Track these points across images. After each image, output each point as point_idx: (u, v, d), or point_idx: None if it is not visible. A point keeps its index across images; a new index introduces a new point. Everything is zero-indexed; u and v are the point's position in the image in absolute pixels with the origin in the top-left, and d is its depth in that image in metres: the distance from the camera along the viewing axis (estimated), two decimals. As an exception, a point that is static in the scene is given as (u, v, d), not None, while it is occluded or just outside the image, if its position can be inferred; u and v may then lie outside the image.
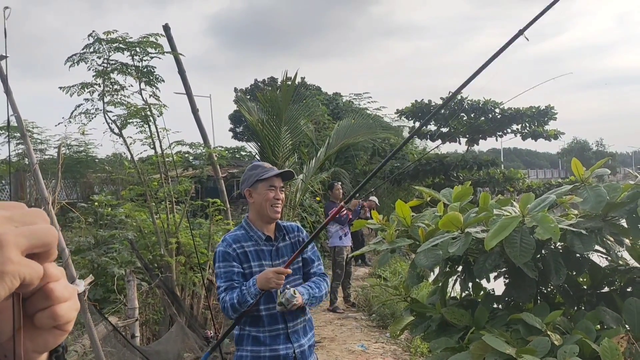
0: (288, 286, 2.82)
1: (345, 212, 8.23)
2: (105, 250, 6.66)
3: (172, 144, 5.72)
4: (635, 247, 3.00)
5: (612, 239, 2.84)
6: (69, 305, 0.60)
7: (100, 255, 6.44)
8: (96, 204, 6.84)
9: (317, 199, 12.57)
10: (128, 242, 5.50)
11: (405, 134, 23.01)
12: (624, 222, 2.79)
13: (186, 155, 8.17)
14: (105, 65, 4.69)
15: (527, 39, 2.50)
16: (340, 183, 9.07)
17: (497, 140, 21.03)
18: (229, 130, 29.24)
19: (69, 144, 14.88)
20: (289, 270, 2.79)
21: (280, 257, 2.96)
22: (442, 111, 19.42)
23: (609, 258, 3.09)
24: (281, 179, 3.01)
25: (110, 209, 6.66)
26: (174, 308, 4.94)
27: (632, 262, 3.05)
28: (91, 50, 4.58)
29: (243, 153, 19.69)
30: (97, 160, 15.01)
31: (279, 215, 2.99)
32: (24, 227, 0.54)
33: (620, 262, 3.08)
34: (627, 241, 2.94)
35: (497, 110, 19.23)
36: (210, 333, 5.10)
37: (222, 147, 14.68)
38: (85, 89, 4.70)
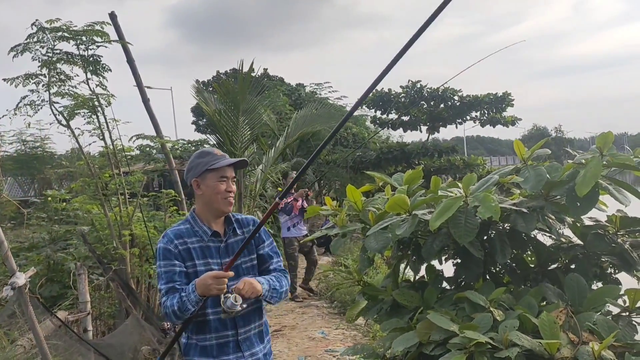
0: (231, 290, 2.44)
1: (290, 202, 8.08)
2: (63, 246, 6.53)
3: (132, 137, 5.64)
4: (577, 225, 3.09)
5: (553, 217, 2.91)
6: None
7: (56, 251, 6.32)
8: (50, 199, 6.69)
9: (279, 189, 12.57)
10: (80, 236, 5.40)
11: (368, 123, 23.18)
12: (565, 201, 2.87)
13: (148, 149, 8.05)
14: (50, 55, 4.57)
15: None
16: (295, 172, 8.84)
17: (457, 127, 21.37)
18: (192, 124, 28.93)
19: (24, 140, 14.51)
20: (230, 274, 2.43)
21: (231, 254, 2.58)
22: (403, 99, 19.64)
23: (553, 237, 3.17)
24: (233, 169, 2.68)
25: (64, 203, 6.53)
26: (129, 301, 4.87)
27: (575, 239, 3.14)
28: (35, 39, 4.46)
29: (206, 145, 19.48)
30: (55, 156, 14.68)
31: (231, 208, 2.67)
32: None
33: (563, 240, 3.17)
34: (568, 219, 3.03)
35: (455, 97, 19.50)
36: (168, 325, 5.05)
37: (184, 140, 14.50)
38: (30, 79, 4.56)
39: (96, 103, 4.73)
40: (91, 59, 4.63)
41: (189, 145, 15.82)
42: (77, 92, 4.69)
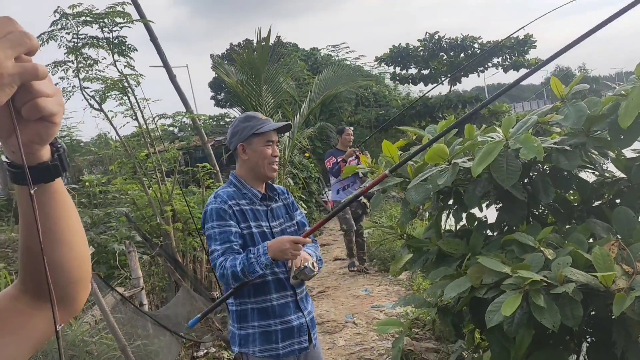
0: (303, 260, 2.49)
1: (339, 162, 7.22)
2: (104, 229, 6.72)
3: (155, 117, 5.70)
4: (620, 158, 3.06)
5: (596, 153, 2.88)
6: (52, 100, 0.69)
7: (99, 234, 6.50)
8: (87, 184, 6.85)
9: (307, 155, 12.60)
10: (124, 216, 5.53)
11: (387, 80, 22.93)
12: (607, 136, 2.84)
13: (171, 128, 8.13)
14: (76, 40, 4.61)
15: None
16: (352, 128, 7.91)
17: (479, 76, 20.99)
18: (211, 99, 28.92)
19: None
20: (309, 240, 2.46)
21: (276, 219, 2.65)
22: (422, 53, 19.36)
23: (596, 172, 3.15)
24: (276, 133, 2.68)
25: (101, 187, 6.68)
26: (178, 274, 5.02)
27: (619, 174, 3.12)
28: (59, 26, 4.50)
29: (227, 119, 19.56)
30: (82, 144, 14.93)
31: (275, 174, 2.70)
32: (4, 40, 0.62)
33: (607, 175, 3.15)
34: (611, 153, 3.00)
35: (476, 45, 19.11)
36: (216, 294, 5.21)
37: (205, 115, 14.57)
38: (59, 67, 4.64)
39: (126, 84, 4.80)
40: (116, 40, 4.67)
41: (211, 120, 15.91)
42: (105, 75, 4.77)
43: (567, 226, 3.10)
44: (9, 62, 0.61)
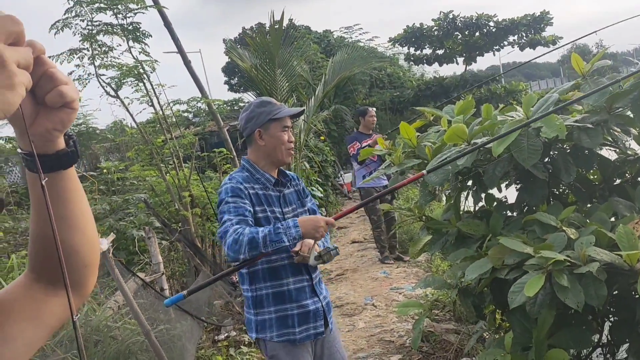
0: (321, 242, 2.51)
1: (364, 147, 6.62)
2: (123, 216, 6.78)
3: (170, 102, 5.70)
4: (642, 136, 3.00)
5: (618, 130, 2.84)
6: (71, 87, 0.74)
7: (118, 221, 6.56)
8: (105, 170, 6.90)
9: (322, 138, 12.57)
10: (143, 202, 5.57)
11: (402, 61, 22.71)
12: (629, 113, 2.79)
13: (185, 114, 8.14)
14: (90, 27, 4.62)
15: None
16: (374, 109, 7.50)
17: (494, 55, 20.66)
18: (224, 84, 28.85)
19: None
20: (336, 223, 2.48)
21: (289, 205, 2.64)
22: (436, 33, 19.12)
23: (618, 150, 3.10)
24: (290, 118, 2.67)
25: (119, 173, 6.72)
26: (197, 259, 5.06)
27: (641, 151, 3.06)
28: (73, 14, 4.51)
29: (241, 104, 19.56)
30: (98, 131, 15.01)
31: (291, 159, 2.69)
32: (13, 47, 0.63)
33: (629, 152, 3.09)
34: (634, 131, 2.95)
35: (491, 23, 18.81)
36: (236, 278, 5.25)
37: (219, 101, 14.56)
38: (74, 54, 4.65)
39: (141, 70, 4.80)
40: (130, 26, 4.66)
41: (225, 105, 15.91)
42: (120, 62, 4.77)
43: (589, 205, 3.05)
44: (14, 65, 0.62)
